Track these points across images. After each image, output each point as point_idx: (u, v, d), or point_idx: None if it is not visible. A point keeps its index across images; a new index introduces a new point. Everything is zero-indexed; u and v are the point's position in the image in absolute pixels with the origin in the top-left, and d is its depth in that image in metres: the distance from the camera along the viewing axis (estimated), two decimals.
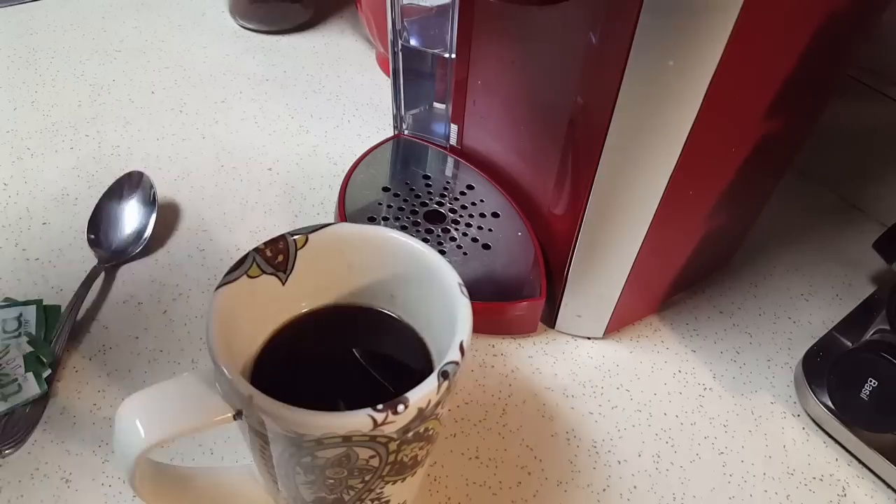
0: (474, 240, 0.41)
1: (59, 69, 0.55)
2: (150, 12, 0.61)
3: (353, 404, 0.21)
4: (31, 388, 0.33)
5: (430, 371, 0.23)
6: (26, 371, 0.34)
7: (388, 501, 0.27)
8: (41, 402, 0.34)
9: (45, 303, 0.38)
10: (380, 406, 0.21)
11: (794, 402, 0.39)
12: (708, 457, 0.36)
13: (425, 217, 0.42)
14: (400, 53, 0.44)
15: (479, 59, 0.40)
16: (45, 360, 0.34)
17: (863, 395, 0.33)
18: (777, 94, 0.31)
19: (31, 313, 0.37)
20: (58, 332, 0.36)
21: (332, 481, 0.24)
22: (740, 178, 0.35)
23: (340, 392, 0.27)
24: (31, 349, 0.35)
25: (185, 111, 0.52)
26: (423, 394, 0.22)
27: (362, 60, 0.59)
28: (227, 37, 0.60)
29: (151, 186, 0.43)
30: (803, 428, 0.38)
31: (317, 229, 0.30)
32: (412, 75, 0.46)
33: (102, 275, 0.40)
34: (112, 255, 0.41)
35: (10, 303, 0.37)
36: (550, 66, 0.35)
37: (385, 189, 0.43)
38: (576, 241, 0.35)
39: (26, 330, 0.36)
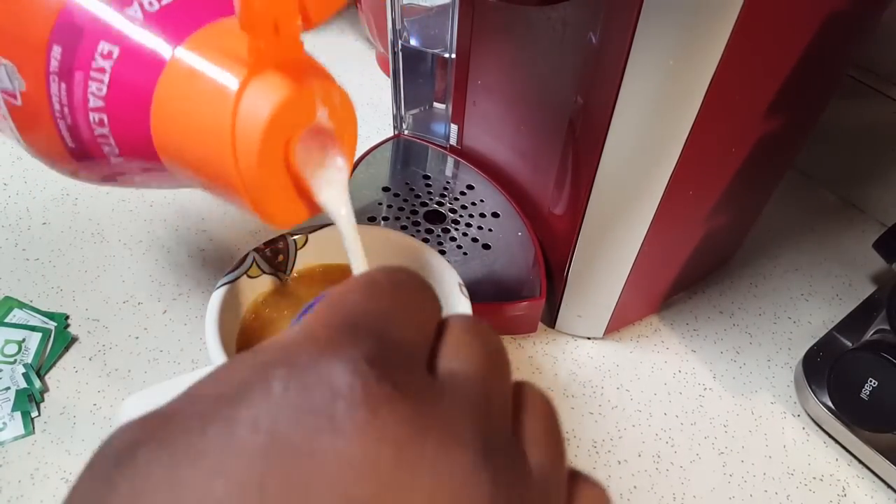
0: (474, 240, 0.41)
1: None
2: None
3: None
4: (16, 428, 0.32)
5: None
6: (14, 410, 0.33)
7: None
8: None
9: (54, 323, 0.36)
10: None
11: (795, 402, 0.39)
12: (708, 457, 0.36)
13: (425, 217, 0.42)
14: (400, 53, 0.44)
15: (479, 59, 0.40)
16: (36, 399, 0.33)
17: (863, 395, 0.33)
18: (777, 94, 0.31)
19: (34, 341, 0.35)
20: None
21: None
22: (740, 178, 0.35)
23: None
24: (24, 385, 0.33)
25: None
26: None
27: (362, 60, 0.59)
28: None
29: None
30: (803, 428, 0.38)
31: (317, 229, 0.30)
32: (412, 75, 0.46)
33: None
34: None
35: (21, 323, 0.36)
36: (550, 66, 0.35)
37: (385, 189, 0.43)
38: (576, 240, 0.35)
39: (24, 360, 0.34)
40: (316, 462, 0.11)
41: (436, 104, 0.47)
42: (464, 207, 0.43)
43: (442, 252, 0.39)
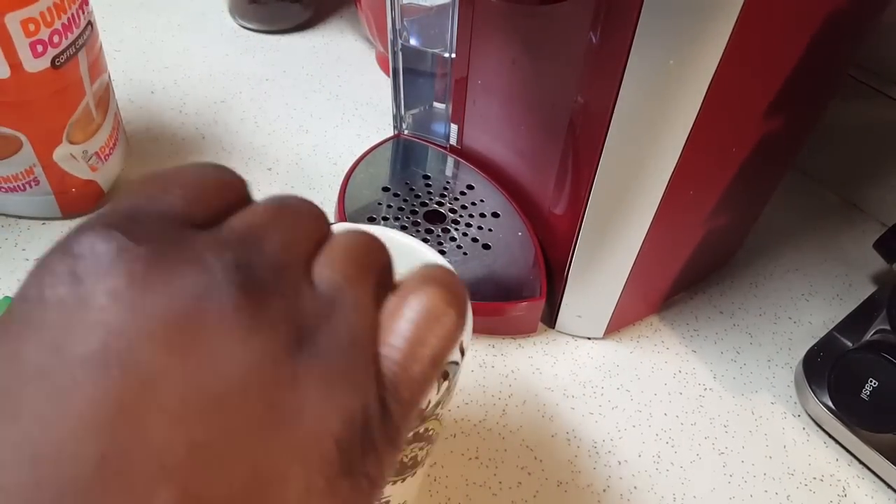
0: (474, 240, 0.41)
1: None
2: (150, 12, 0.61)
3: None
4: None
5: None
6: None
7: (388, 502, 0.27)
8: None
9: None
10: None
11: (795, 403, 0.39)
12: (708, 457, 0.36)
13: (425, 217, 0.42)
14: (400, 53, 0.44)
15: (479, 59, 0.40)
16: None
17: (863, 396, 0.33)
18: (777, 94, 0.31)
19: None
20: None
21: None
22: (740, 178, 0.35)
23: None
24: None
25: (185, 111, 0.52)
26: None
27: (362, 60, 0.59)
28: (227, 36, 0.60)
29: None
30: (804, 428, 0.38)
31: None
32: (412, 75, 0.46)
33: None
34: None
35: None
36: (550, 65, 0.35)
37: (385, 189, 0.43)
38: (576, 240, 0.35)
39: None
40: (59, 307, 0.12)
41: (436, 104, 0.47)
42: (464, 207, 0.43)
43: (442, 252, 0.39)
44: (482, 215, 0.42)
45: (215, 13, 0.62)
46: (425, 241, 0.40)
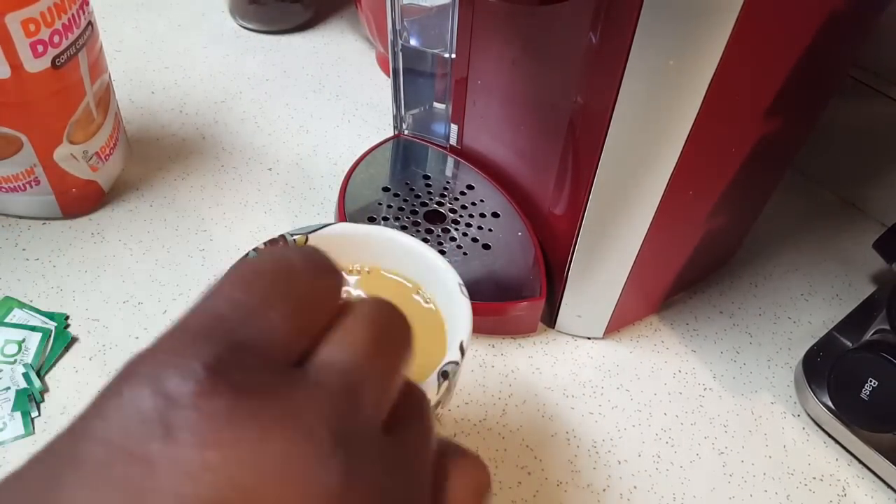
0: (474, 240, 0.41)
1: None
2: (150, 12, 0.61)
3: None
4: (16, 428, 0.32)
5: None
6: (14, 410, 0.33)
7: None
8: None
9: (54, 323, 0.36)
10: None
11: (795, 402, 0.39)
12: (708, 457, 0.36)
13: (425, 217, 0.42)
14: (400, 53, 0.44)
15: (479, 59, 0.40)
16: (36, 399, 0.33)
17: (863, 395, 0.33)
18: (777, 94, 0.31)
19: (34, 341, 0.35)
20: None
21: None
22: (740, 178, 0.35)
23: None
24: (24, 385, 0.34)
25: (185, 111, 0.52)
26: None
27: (362, 60, 0.59)
28: (227, 37, 0.60)
29: None
30: (803, 428, 0.38)
31: (317, 229, 0.30)
32: (412, 75, 0.46)
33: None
34: None
35: (21, 323, 0.36)
36: (550, 66, 0.35)
37: (385, 189, 0.43)
38: (576, 240, 0.35)
39: (24, 360, 0.34)
40: (151, 468, 0.11)
41: (436, 104, 0.47)
42: (464, 207, 0.43)
43: (442, 252, 0.39)
44: (482, 215, 0.42)
45: (215, 13, 0.62)
46: (425, 240, 0.40)
